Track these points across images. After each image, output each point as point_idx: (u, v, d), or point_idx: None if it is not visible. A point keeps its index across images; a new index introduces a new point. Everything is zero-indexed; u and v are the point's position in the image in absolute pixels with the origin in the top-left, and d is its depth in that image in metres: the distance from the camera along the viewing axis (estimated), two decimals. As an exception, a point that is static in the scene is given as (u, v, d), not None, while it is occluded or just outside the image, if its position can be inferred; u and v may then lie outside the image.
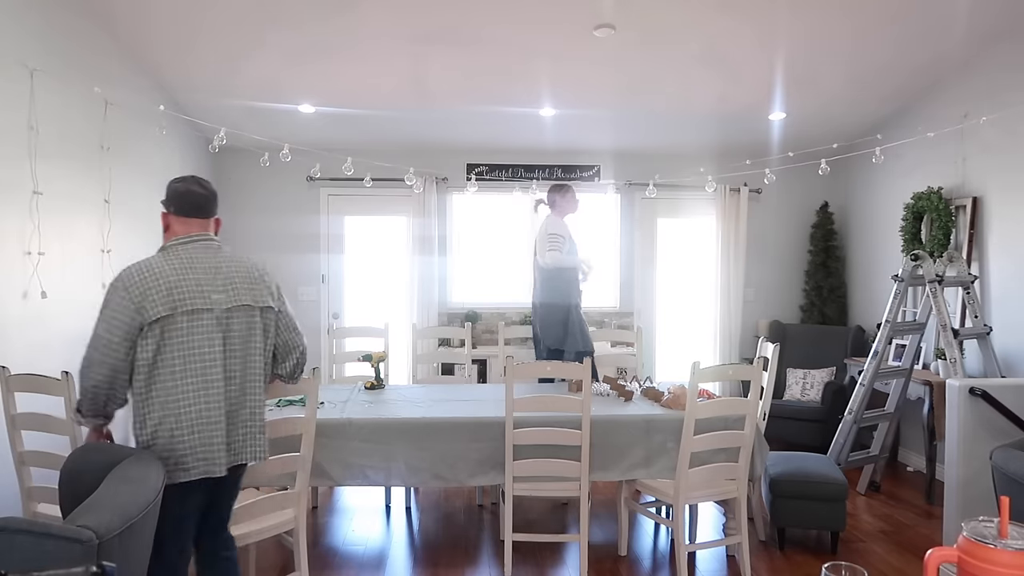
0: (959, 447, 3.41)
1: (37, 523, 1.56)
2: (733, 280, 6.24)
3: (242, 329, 2.30)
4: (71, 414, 2.64)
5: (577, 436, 3.19)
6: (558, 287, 4.35)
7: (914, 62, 4.60)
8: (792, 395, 5.65)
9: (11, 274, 3.25)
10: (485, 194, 6.16)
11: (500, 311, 6.23)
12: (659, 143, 6.05)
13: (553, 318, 4.33)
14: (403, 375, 5.34)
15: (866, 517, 4.17)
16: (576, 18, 3.96)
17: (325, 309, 6.22)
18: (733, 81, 4.86)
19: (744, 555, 3.31)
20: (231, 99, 5.02)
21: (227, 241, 6.10)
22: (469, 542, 3.79)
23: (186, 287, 2.22)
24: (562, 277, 4.34)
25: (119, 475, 1.95)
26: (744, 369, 3.34)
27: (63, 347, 3.57)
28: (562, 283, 4.35)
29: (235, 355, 2.28)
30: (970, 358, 4.53)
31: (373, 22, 4.00)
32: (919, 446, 4.94)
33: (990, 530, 1.19)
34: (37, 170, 3.37)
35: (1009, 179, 4.34)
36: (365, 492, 4.56)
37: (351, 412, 3.47)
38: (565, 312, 4.33)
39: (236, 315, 2.29)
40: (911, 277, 4.40)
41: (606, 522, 4.06)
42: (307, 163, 5.43)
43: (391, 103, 5.16)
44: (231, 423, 2.26)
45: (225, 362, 2.25)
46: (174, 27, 4.04)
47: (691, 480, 3.22)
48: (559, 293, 4.35)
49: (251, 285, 2.36)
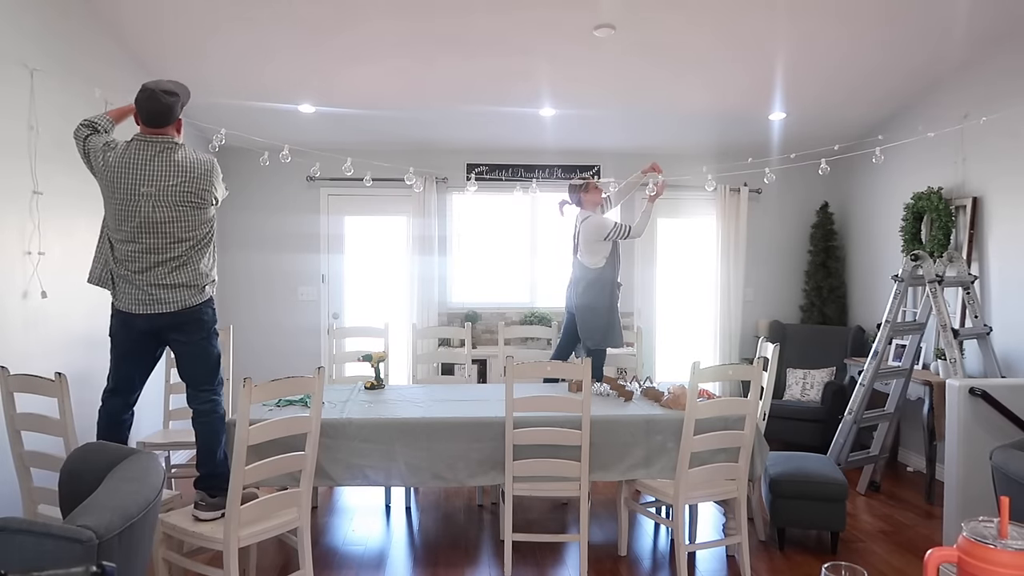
0: (959, 447, 3.41)
1: (37, 523, 1.56)
2: (733, 280, 6.24)
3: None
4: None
5: (577, 436, 3.19)
6: (601, 289, 4.29)
7: (914, 62, 4.60)
8: (792, 395, 5.65)
9: (11, 274, 3.25)
10: (485, 194, 6.16)
11: (500, 311, 6.23)
12: (659, 143, 6.05)
13: (596, 321, 4.27)
14: (403, 375, 5.34)
15: (866, 517, 4.17)
16: (576, 18, 3.96)
17: (325, 309, 6.22)
18: (733, 81, 4.86)
19: (744, 555, 3.31)
20: (231, 99, 5.02)
21: (227, 240, 6.11)
22: (469, 542, 3.79)
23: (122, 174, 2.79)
24: (604, 279, 4.29)
25: (119, 475, 1.95)
26: (744, 369, 3.34)
27: (63, 347, 3.57)
28: (605, 285, 4.29)
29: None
30: (970, 358, 4.53)
31: (373, 22, 4.00)
32: (919, 446, 4.94)
33: (990, 530, 1.19)
34: (37, 170, 3.37)
35: (1009, 179, 4.34)
36: (365, 492, 4.56)
37: (351, 412, 3.47)
38: (608, 313, 4.29)
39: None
40: (911, 277, 4.40)
41: (606, 522, 4.06)
42: (307, 163, 5.43)
43: (391, 103, 5.16)
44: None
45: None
46: (174, 27, 4.04)
47: (691, 480, 3.22)
48: (602, 295, 4.29)
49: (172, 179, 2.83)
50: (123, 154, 2.81)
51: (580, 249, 4.36)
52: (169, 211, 2.81)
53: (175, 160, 2.83)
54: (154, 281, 2.83)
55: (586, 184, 4.40)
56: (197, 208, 2.88)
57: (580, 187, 4.40)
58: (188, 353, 2.97)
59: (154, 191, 2.78)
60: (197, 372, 2.99)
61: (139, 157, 2.81)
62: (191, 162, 2.87)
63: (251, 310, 6.15)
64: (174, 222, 2.82)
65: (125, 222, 2.80)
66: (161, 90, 2.84)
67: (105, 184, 2.82)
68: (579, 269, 4.35)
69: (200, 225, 2.92)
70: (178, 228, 2.84)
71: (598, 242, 4.26)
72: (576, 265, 4.39)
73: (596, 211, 4.38)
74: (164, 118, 2.85)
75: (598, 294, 4.27)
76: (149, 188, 2.78)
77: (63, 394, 2.73)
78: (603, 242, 4.25)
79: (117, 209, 2.80)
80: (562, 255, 6.33)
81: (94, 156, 2.84)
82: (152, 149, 2.82)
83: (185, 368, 3.00)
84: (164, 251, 2.83)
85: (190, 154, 2.89)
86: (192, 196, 2.85)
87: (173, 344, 2.99)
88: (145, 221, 2.78)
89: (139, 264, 2.83)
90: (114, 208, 2.81)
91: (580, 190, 4.40)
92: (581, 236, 4.34)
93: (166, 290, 2.84)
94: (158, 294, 2.83)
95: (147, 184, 2.78)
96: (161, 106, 2.83)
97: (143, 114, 2.84)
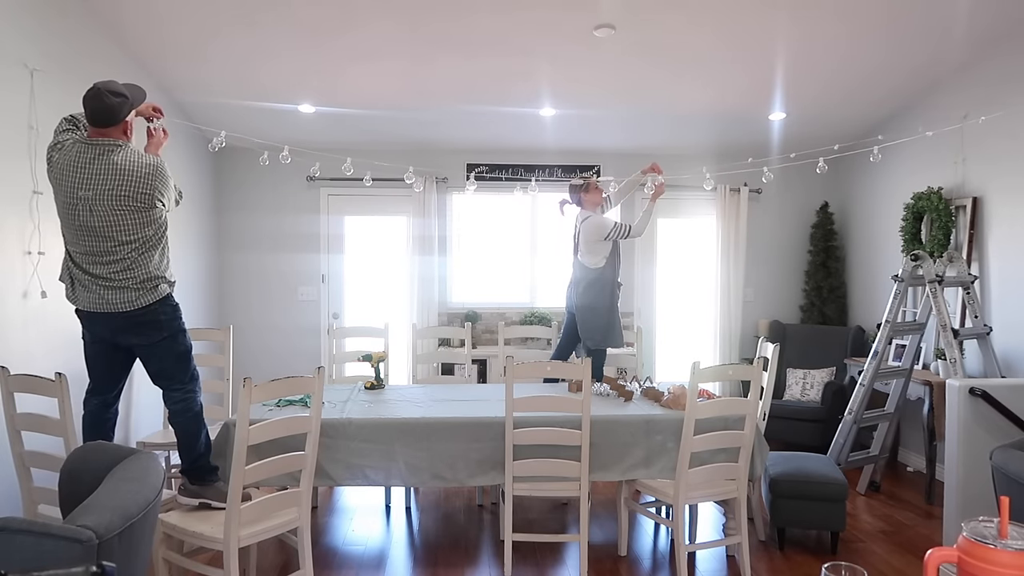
0: (959, 447, 3.41)
1: (37, 523, 1.56)
2: (733, 280, 6.24)
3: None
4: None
5: (577, 436, 3.19)
6: (601, 289, 4.29)
7: (914, 63, 4.60)
8: (792, 395, 5.65)
9: (11, 274, 3.25)
10: (485, 194, 6.16)
11: (500, 311, 6.23)
12: (659, 143, 6.05)
13: (596, 321, 4.28)
14: (403, 375, 5.34)
15: (866, 517, 4.17)
16: (576, 18, 3.96)
17: (325, 309, 6.22)
18: (733, 81, 4.86)
19: (744, 555, 3.31)
20: (231, 99, 5.02)
21: (227, 240, 6.11)
22: (469, 542, 3.79)
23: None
24: (604, 279, 4.30)
25: (119, 475, 1.95)
26: (744, 369, 3.34)
27: (63, 347, 3.56)
28: (606, 285, 4.29)
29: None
30: (970, 358, 4.53)
31: (373, 22, 4.00)
32: (919, 446, 4.94)
33: (990, 530, 1.19)
34: (37, 170, 3.37)
35: (1009, 179, 4.34)
36: (365, 492, 4.56)
37: (351, 412, 3.47)
38: (608, 313, 4.30)
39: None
40: (911, 277, 4.40)
41: (606, 522, 4.06)
42: (307, 163, 5.43)
43: (391, 103, 5.16)
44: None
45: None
46: (174, 28, 4.04)
47: (691, 480, 3.22)
48: (602, 295, 4.30)
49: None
50: (66, 155, 2.75)
51: (580, 249, 4.36)
52: (106, 216, 2.72)
53: (114, 163, 2.72)
54: (103, 283, 2.78)
55: (586, 184, 4.39)
56: (137, 212, 2.77)
57: (580, 187, 4.39)
58: (151, 355, 2.94)
59: (90, 195, 2.70)
60: (163, 371, 2.96)
61: (80, 159, 2.73)
62: (132, 164, 2.75)
63: (251, 310, 6.15)
64: (112, 227, 2.74)
65: (69, 225, 2.77)
66: (108, 90, 2.75)
67: (52, 185, 2.77)
68: (579, 269, 4.35)
69: (144, 227, 2.80)
70: (118, 232, 2.76)
71: (598, 242, 4.26)
72: (576, 265, 4.39)
73: (596, 211, 4.38)
74: (108, 118, 2.75)
75: (598, 294, 4.27)
76: (86, 192, 2.70)
77: (63, 394, 2.74)
78: (603, 242, 4.25)
79: (62, 212, 2.77)
80: (562, 255, 6.34)
81: (52, 152, 2.79)
82: (93, 152, 2.74)
83: (152, 369, 2.97)
84: (107, 254, 2.77)
85: (132, 157, 2.77)
86: (130, 200, 2.74)
87: (134, 348, 2.95)
88: (84, 225, 2.73)
89: (87, 265, 2.79)
90: (60, 210, 2.77)
91: (580, 190, 4.39)
92: (581, 236, 4.34)
93: (114, 292, 2.79)
94: (107, 295, 2.79)
95: (84, 188, 2.70)
96: (104, 105, 2.73)
97: (87, 112, 2.77)
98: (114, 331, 2.86)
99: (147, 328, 2.87)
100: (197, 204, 5.61)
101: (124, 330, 2.86)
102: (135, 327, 2.86)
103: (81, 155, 2.74)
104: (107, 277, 2.78)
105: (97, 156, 2.73)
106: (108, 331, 2.87)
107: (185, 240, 5.31)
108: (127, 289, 2.80)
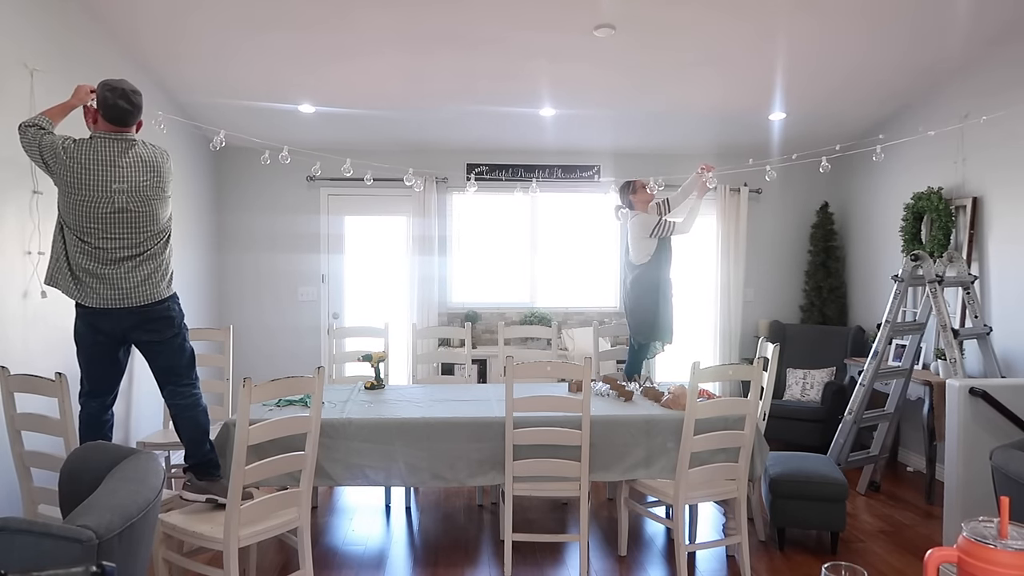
0: (959, 447, 3.41)
1: (37, 523, 1.56)
2: (733, 280, 6.24)
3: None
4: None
5: (577, 436, 3.19)
6: (647, 285, 4.46)
7: (914, 63, 4.60)
8: (792, 395, 5.65)
9: (11, 274, 3.25)
10: (485, 194, 6.16)
11: (500, 311, 6.23)
12: (659, 143, 6.05)
13: (642, 316, 4.48)
14: (403, 375, 5.34)
15: (866, 517, 4.17)
16: (576, 18, 3.96)
17: (325, 309, 6.22)
18: (733, 81, 4.86)
19: (744, 555, 3.31)
20: (231, 99, 5.02)
21: (227, 240, 6.11)
22: (469, 542, 3.79)
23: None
24: (650, 276, 4.46)
25: (119, 475, 1.95)
26: (744, 369, 3.34)
27: (63, 347, 3.56)
28: (651, 282, 4.46)
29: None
30: (970, 358, 4.53)
31: (373, 22, 4.00)
32: (919, 446, 4.94)
33: (990, 530, 1.19)
34: (37, 170, 3.36)
35: (1009, 179, 4.34)
36: (365, 492, 4.56)
37: (351, 412, 3.47)
38: (654, 309, 4.46)
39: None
40: (911, 277, 4.40)
41: (606, 522, 4.06)
42: (307, 163, 5.43)
43: (391, 103, 5.16)
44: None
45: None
46: (174, 27, 4.04)
47: (691, 480, 3.22)
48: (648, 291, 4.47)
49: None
50: (84, 152, 2.80)
51: (629, 246, 4.55)
52: (141, 206, 2.85)
53: (139, 155, 2.87)
54: (123, 274, 2.84)
55: (631, 185, 4.58)
56: (162, 201, 2.94)
57: (627, 189, 4.57)
58: (162, 351, 2.98)
59: (127, 187, 2.81)
60: (177, 368, 3.01)
61: (108, 153, 2.82)
62: (152, 157, 2.92)
63: (251, 310, 6.15)
64: (145, 216, 2.87)
65: (93, 218, 2.79)
66: (131, 90, 2.88)
67: (69, 180, 2.78)
68: (627, 267, 4.57)
69: (164, 219, 2.97)
70: (149, 221, 2.88)
71: (644, 239, 4.43)
72: (625, 263, 4.60)
73: (645, 209, 4.51)
74: (134, 117, 2.90)
75: (644, 290, 4.46)
76: (121, 184, 2.81)
77: (63, 394, 2.74)
78: (648, 239, 4.42)
79: (84, 205, 2.78)
80: (562, 255, 6.36)
81: (52, 154, 2.80)
82: (119, 146, 2.85)
83: (162, 366, 2.99)
84: (134, 246, 2.86)
85: (149, 149, 2.93)
86: (158, 190, 2.91)
87: (143, 345, 2.98)
88: (119, 213, 2.81)
89: (108, 258, 2.82)
90: (79, 204, 2.78)
91: (628, 192, 4.59)
92: (629, 233, 4.54)
93: (134, 283, 2.85)
94: (126, 287, 2.84)
95: (119, 180, 2.80)
96: (133, 107, 2.88)
97: (113, 112, 2.84)
98: (126, 328, 2.90)
99: (161, 324, 2.94)
100: (197, 204, 5.61)
101: (137, 327, 2.90)
102: (149, 323, 2.91)
103: (107, 149, 2.83)
104: (127, 268, 2.84)
105: (124, 150, 2.85)
106: (120, 328, 2.89)
107: (185, 240, 5.31)
108: (146, 280, 2.87)
